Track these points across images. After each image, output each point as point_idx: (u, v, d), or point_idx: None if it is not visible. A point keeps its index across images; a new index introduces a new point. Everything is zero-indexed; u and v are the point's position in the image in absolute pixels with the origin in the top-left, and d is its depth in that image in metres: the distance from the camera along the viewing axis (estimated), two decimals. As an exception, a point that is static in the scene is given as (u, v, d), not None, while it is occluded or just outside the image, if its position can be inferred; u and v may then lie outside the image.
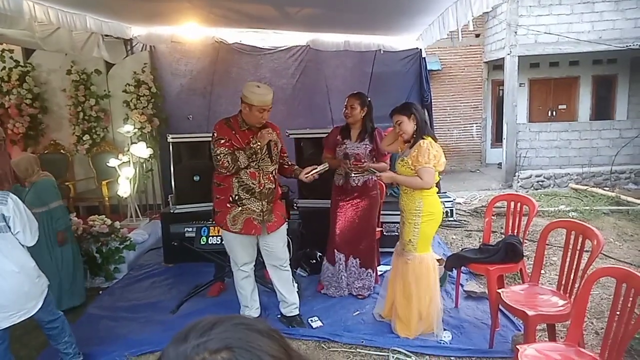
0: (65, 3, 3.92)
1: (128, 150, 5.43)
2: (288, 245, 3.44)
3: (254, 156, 3.05)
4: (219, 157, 3.01)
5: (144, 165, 5.92)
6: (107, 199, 5.79)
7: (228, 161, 2.98)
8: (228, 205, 3.13)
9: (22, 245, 2.58)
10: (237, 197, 3.11)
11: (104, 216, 4.62)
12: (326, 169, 3.21)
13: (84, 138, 6.10)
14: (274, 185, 3.22)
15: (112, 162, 5.29)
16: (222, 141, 3.04)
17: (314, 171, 3.15)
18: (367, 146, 3.68)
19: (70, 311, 3.62)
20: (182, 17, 4.84)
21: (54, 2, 3.81)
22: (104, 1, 4.16)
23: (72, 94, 6.03)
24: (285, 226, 3.33)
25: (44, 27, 4.31)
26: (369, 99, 3.74)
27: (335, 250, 3.83)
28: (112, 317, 3.68)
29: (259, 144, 3.03)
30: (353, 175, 3.64)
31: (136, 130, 5.86)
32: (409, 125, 3.10)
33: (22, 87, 5.91)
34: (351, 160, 3.62)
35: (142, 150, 5.39)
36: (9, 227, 2.47)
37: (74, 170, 6.38)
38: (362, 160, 3.65)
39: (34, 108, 5.99)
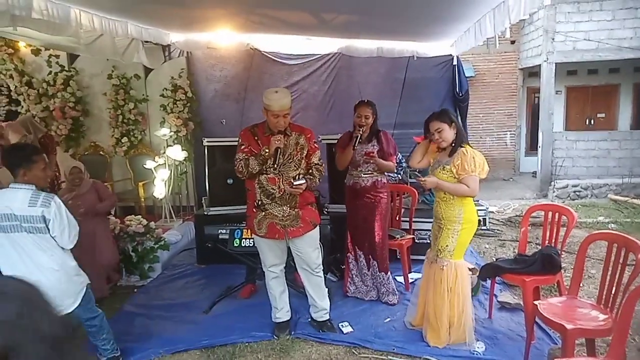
0: (108, 10, 4.07)
1: (164, 152, 5.58)
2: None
3: (267, 162, 3.05)
4: (235, 162, 3.12)
5: (179, 167, 6.07)
6: (143, 199, 5.95)
7: (242, 166, 3.07)
8: (254, 210, 3.20)
9: None
10: (260, 202, 3.16)
11: (139, 216, 4.76)
12: (303, 183, 3.11)
13: (123, 140, 6.30)
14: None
15: (149, 164, 5.44)
16: (242, 147, 3.13)
17: (296, 183, 3.08)
18: (375, 147, 3.77)
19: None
20: (218, 23, 4.95)
21: (98, 10, 3.97)
22: (145, 9, 4.30)
23: (112, 97, 6.25)
24: (314, 232, 3.28)
25: (89, 34, 4.49)
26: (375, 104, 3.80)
27: (356, 247, 3.91)
28: (147, 315, 3.78)
29: (268, 151, 3.04)
30: (362, 174, 3.74)
31: (172, 133, 6.02)
32: (449, 133, 3.04)
33: (66, 91, 6.17)
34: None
35: (177, 153, 5.53)
36: (48, 229, 2.55)
37: (112, 171, 6.59)
38: (372, 154, 3.72)
39: (77, 111, 6.24)
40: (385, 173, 3.92)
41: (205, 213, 4.74)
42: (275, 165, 3.06)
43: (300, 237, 3.20)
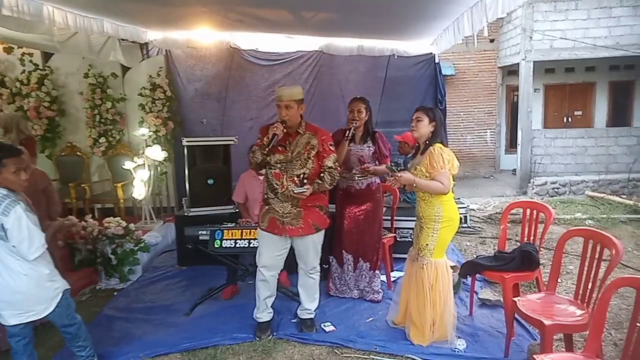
0: (83, 8, 3.99)
1: (143, 153, 5.48)
2: None
3: (270, 153, 3.07)
4: (249, 155, 3.22)
5: (159, 168, 5.97)
6: (122, 201, 5.84)
7: (251, 156, 3.17)
8: (261, 203, 3.30)
9: None
10: (267, 196, 3.22)
11: (119, 218, 4.66)
12: (305, 191, 3.04)
13: (100, 140, 6.17)
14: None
15: (128, 165, 5.34)
16: (258, 141, 3.19)
17: (297, 191, 3.04)
18: (370, 148, 3.75)
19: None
20: (197, 21, 4.89)
21: (72, 7, 3.88)
22: (121, 6, 4.22)
23: (89, 97, 6.11)
24: (316, 236, 3.23)
25: (63, 32, 4.40)
26: (368, 101, 3.79)
27: (343, 251, 3.88)
28: (126, 318, 3.71)
29: (268, 138, 3.04)
30: (356, 177, 3.74)
31: (151, 133, 5.92)
32: (425, 128, 3.08)
33: (40, 90, 6.01)
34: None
35: (156, 153, 5.44)
36: (7, 238, 2.44)
37: (90, 172, 6.45)
38: (366, 162, 3.73)
39: (52, 111, 6.09)
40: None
41: (186, 214, 4.68)
42: (268, 149, 3.03)
43: (300, 237, 3.19)
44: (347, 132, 3.61)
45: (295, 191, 3.00)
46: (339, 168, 3.25)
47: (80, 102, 6.26)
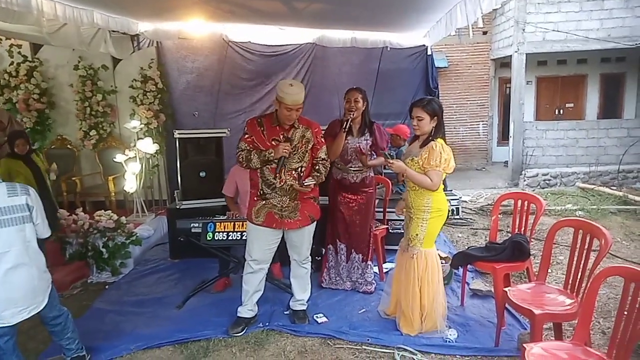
0: (73, -2, 3.93)
1: (134, 145, 5.45)
2: None
3: (269, 162, 3.03)
4: (237, 151, 3.13)
5: (150, 160, 5.94)
6: (113, 194, 5.82)
7: (242, 157, 3.09)
8: (255, 198, 3.21)
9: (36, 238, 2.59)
10: (262, 192, 3.16)
11: (110, 211, 4.64)
12: (313, 183, 3.15)
13: (91, 133, 6.13)
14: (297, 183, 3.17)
15: (119, 158, 5.31)
16: (246, 137, 3.13)
17: (307, 183, 3.09)
18: (368, 141, 3.72)
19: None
20: (188, 12, 4.84)
21: (61, -3, 3.82)
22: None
23: (79, 89, 6.06)
24: (311, 227, 3.27)
25: (52, 23, 4.34)
26: (365, 91, 3.76)
27: (337, 241, 3.90)
28: (118, 311, 3.70)
29: (273, 154, 3.01)
30: (352, 170, 3.72)
31: (142, 125, 5.88)
32: (428, 125, 3.06)
33: (29, 82, 5.95)
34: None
35: (148, 145, 5.41)
36: (32, 218, 2.49)
37: (81, 165, 6.41)
38: (363, 153, 3.70)
39: (42, 103, 6.03)
40: None
41: (178, 207, 4.66)
42: (277, 173, 3.02)
43: (296, 230, 3.20)
44: (345, 123, 3.59)
45: (305, 184, 3.04)
46: (328, 160, 3.25)
47: (70, 95, 6.20)
